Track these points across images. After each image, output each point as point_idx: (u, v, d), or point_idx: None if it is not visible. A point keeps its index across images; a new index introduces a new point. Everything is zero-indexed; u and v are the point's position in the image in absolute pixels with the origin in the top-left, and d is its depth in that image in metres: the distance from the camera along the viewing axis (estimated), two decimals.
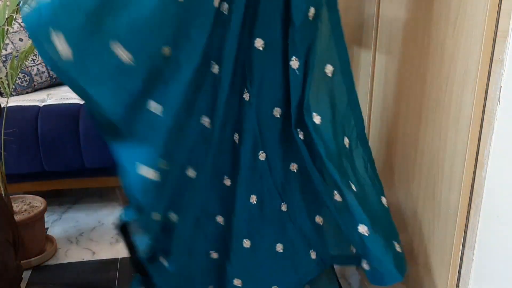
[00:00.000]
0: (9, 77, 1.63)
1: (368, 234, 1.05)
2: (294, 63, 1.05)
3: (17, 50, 2.23)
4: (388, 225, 1.12)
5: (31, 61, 2.24)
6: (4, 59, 2.20)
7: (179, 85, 1.00)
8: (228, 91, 1.08)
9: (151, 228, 1.10)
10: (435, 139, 1.08)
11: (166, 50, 0.97)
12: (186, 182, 1.13)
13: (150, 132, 1.00)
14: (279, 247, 1.22)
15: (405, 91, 1.21)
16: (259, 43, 1.06)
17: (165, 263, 1.17)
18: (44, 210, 1.79)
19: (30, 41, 2.26)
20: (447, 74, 1.02)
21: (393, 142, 1.29)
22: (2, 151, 1.68)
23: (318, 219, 1.22)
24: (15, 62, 1.63)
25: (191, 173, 1.13)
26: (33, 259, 1.77)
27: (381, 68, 1.33)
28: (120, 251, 1.89)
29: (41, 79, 2.29)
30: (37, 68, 2.27)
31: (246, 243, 1.21)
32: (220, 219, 1.22)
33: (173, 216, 1.14)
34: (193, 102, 1.06)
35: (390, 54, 1.27)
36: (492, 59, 0.88)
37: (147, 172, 1.01)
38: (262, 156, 1.16)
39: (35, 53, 2.18)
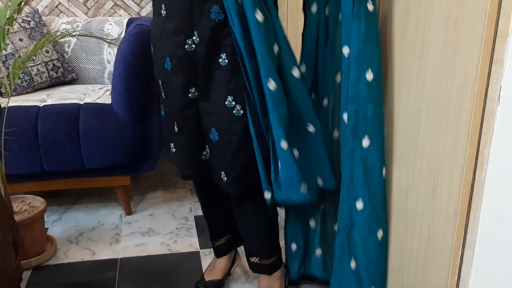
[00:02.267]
0: (11, 77, 1.63)
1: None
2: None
3: (17, 50, 2.23)
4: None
5: (31, 61, 2.24)
6: (4, 59, 2.20)
7: None
8: None
9: None
10: (435, 139, 1.08)
11: None
12: None
13: None
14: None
15: (405, 91, 1.21)
16: None
17: None
18: (44, 210, 1.80)
19: (32, 42, 2.26)
20: (447, 74, 1.02)
21: (393, 142, 1.29)
22: (2, 151, 1.68)
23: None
24: (18, 62, 1.63)
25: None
26: (33, 259, 1.77)
27: (381, 68, 1.33)
28: (120, 251, 1.90)
29: (41, 79, 2.29)
30: (37, 68, 2.27)
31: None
32: None
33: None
34: None
35: (390, 54, 1.27)
36: (492, 59, 0.88)
37: None
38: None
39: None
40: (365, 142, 1.26)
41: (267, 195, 1.33)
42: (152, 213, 2.22)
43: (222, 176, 1.37)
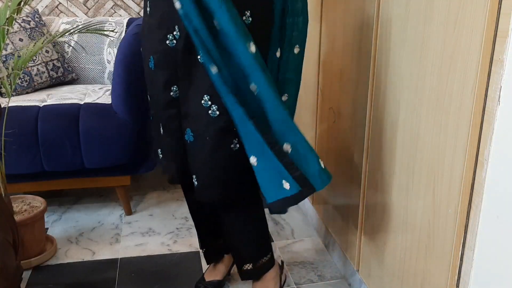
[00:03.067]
0: (11, 78, 1.63)
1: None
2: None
3: (17, 50, 2.23)
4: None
5: (31, 61, 2.24)
6: (4, 59, 2.20)
7: None
8: None
9: None
10: (435, 139, 1.08)
11: None
12: None
13: None
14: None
15: (405, 91, 1.21)
16: None
17: None
18: (44, 210, 1.80)
19: (32, 42, 2.26)
20: (447, 74, 1.02)
21: (393, 142, 1.29)
22: (2, 151, 1.68)
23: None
24: (18, 62, 1.63)
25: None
26: (33, 259, 1.77)
27: (381, 68, 1.33)
28: (120, 251, 1.90)
29: (41, 79, 2.29)
30: (37, 68, 2.27)
31: None
32: None
33: None
34: None
35: (390, 55, 1.27)
36: (492, 59, 0.88)
37: None
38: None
39: None
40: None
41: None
42: (152, 213, 2.22)
43: (194, 180, 1.32)
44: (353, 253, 1.62)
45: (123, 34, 2.39)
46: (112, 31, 1.89)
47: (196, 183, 1.31)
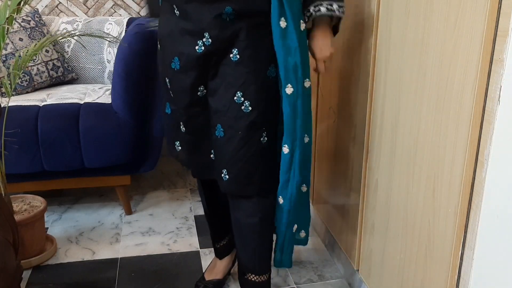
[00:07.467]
0: (12, 77, 1.63)
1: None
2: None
3: (17, 50, 2.23)
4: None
5: (31, 60, 2.24)
6: (4, 58, 2.20)
7: None
8: None
9: None
10: (435, 139, 1.08)
11: None
12: None
13: None
14: None
15: (405, 91, 1.21)
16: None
17: None
18: (44, 210, 1.80)
19: (32, 42, 2.26)
20: (447, 74, 1.02)
21: (393, 142, 1.29)
22: (3, 151, 1.68)
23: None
24: (19, 61, 1.63)
25: None
26: (33, 259, 1.77)
27: (381, 68, 1.33)
28: (120, 250, 1.90)
29: (41, 79, 2.29)
30: (37, 68, 2.27)
31: None
32: None
33: None
34: None
35: (390, 54, 1.27)
36: (492, 59, 0.88)
37: None
38: None
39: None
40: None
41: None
42: (152, 213, 2.22)
43: (223, 174, 1.35)
44: (353, 253, 1.62)
45: (123, 33, 2.39)
46: (115, 38, 1.89)
47: (226, 177, 1.34)
